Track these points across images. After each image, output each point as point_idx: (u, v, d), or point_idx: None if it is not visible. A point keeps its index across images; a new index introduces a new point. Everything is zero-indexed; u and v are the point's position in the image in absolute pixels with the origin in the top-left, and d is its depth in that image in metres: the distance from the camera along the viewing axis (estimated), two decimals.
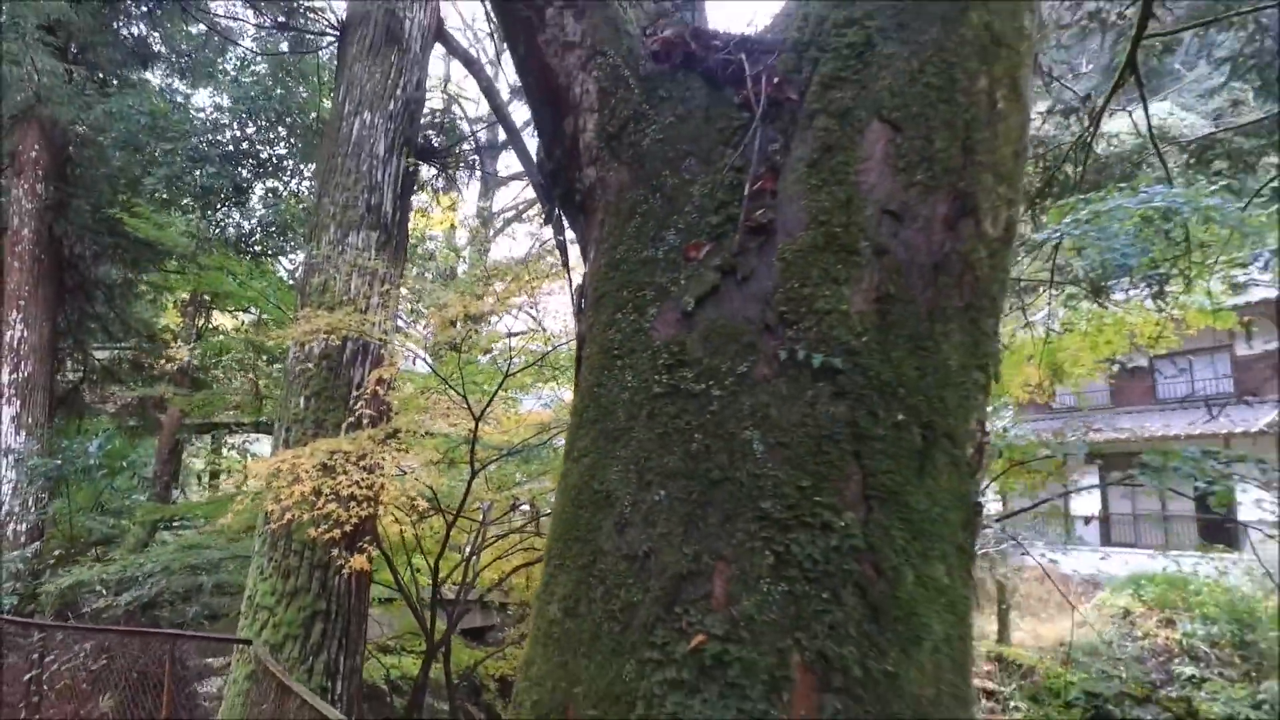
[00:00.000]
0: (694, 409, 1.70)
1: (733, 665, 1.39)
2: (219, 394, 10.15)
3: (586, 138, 2.34)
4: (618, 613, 1.55)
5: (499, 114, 5.30)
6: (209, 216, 9.02)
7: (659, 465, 1.67)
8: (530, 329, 5.30)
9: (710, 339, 1.81)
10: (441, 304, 4.44)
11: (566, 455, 1.93)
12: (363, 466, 4.01)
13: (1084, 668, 10.39)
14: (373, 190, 5.75)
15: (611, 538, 1.66)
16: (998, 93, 2.08)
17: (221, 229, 9.26)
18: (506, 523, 6.92)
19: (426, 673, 5.45)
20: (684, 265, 1.97)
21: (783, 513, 1.51)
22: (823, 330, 1.71)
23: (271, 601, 4.92)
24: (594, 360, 1.98)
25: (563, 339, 5.35)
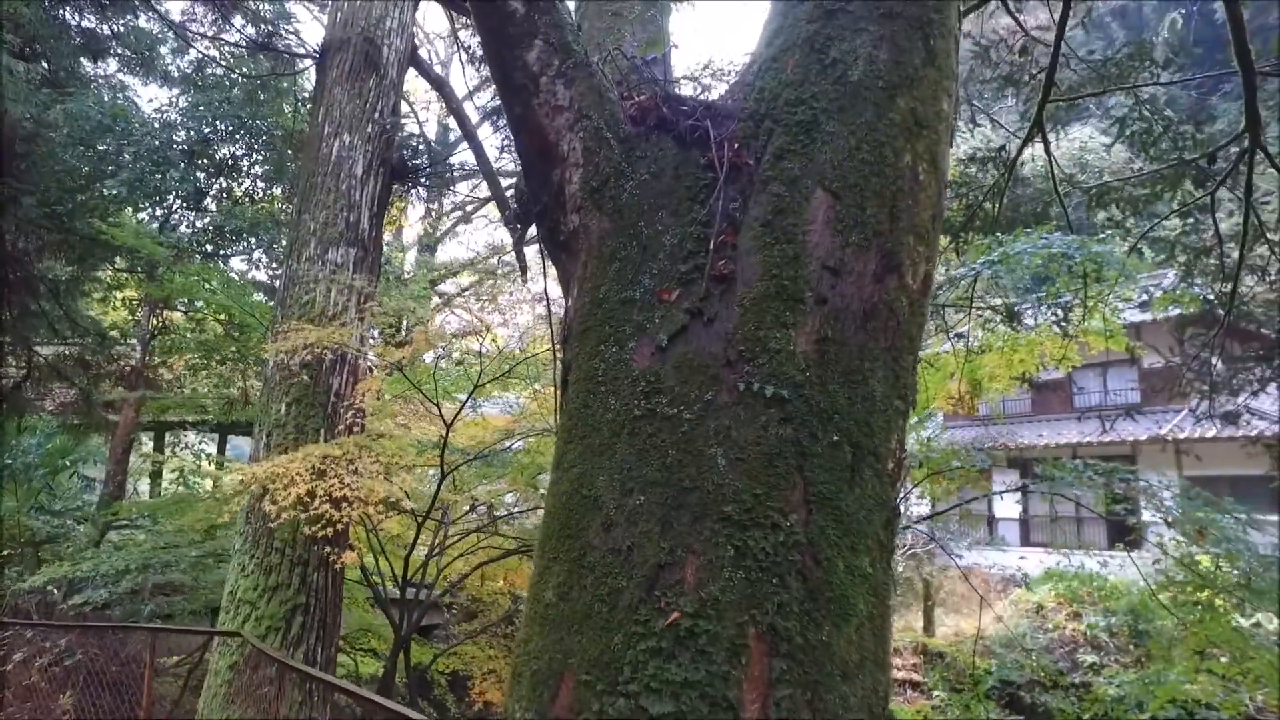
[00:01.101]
0: (668, 429, 2.04)
1: (701, 636, 1.73)
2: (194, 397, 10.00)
3: (572, 189, 2.67)
4: (606, 596, 1.88)
5: (468, 136, 5.54)
6: (167, 218, 8.91)
7: (639, 475, 2.00)
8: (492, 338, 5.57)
9: (681, 370, 2.15)
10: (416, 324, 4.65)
11: (556, 466, 2.24)
12: (351, 470, 4.21)
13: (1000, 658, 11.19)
14: (351, 209, 5.93)
15: (599, 535, 1.98)
16: (919, 166, 2.50)
17: (174, 229, 9.14)
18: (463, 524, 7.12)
19: (394, 665, 5.63)
20: (658, 306, 2.32)
21: (741, 515, 1.86)
22: (774, 366, 2.08)
23: (254, 596, 5.02)
24: (580, 386, 2.30)
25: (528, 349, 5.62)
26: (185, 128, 9.29)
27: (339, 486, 4.11)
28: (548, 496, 2.24)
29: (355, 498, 4.10)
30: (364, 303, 5.49)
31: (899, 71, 2.60)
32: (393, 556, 5.67)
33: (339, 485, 4.11)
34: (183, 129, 9.32)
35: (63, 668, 5.48)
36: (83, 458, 11.07)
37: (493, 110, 7.04)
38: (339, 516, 4.11)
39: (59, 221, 7.99)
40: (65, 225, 8.09)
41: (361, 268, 5.90)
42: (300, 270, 5.75)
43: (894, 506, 2.22)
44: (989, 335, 5.42)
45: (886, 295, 2.35)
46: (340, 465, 4.23)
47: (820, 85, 2.57)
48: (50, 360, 9.18)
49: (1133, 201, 4.79)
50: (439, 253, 24.89)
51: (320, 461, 4.29)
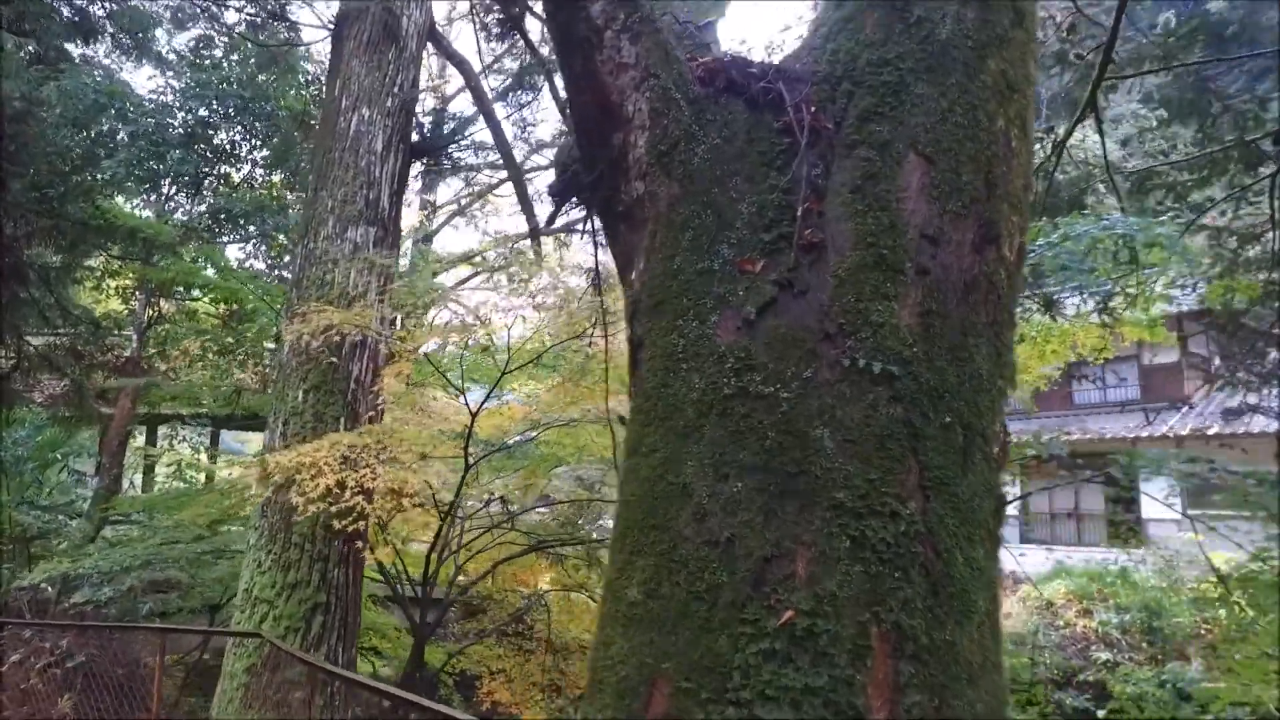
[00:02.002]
0: (764, 409, 1.87)
1: (821, 636, 1.57)
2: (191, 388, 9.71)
3: (636, 153, 2.49)
4: (704, 593, 1.71)
5: (485, 114, 5.35)
6: (163, 204, 8.65)
7: (734, 459, 1.83)
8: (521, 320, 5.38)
9: (773, 345, 1.98)
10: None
11: (632, 451, 2.07)
12: (383, 459, 4.01)
13: (1011, 655, 11.07)
14: (371, 186, 5.71)
15: (691, 525, 1.81)
16: (1011, 131, 2.34)
17: (170, 214, 8.87)
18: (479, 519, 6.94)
19: (416, 665, 5.45)
20: (740, 277, 2.15)
21: (855, 502, 1.70)
22: (877, 341, 1.91)
23: (271, 594, 4.83)
24: (656, 363, 2.13)
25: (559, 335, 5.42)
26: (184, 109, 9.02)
27: (370, 477, 3.91)
28: (623, 484, 2.07)
29: (388, 489, 3.89)
30: (385, 284, 5.28)
31: (988, 31, 2.44)
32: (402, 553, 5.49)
33: (370, 476, 3.91)
34: (180, 111, 9.05)
35: (63, 670, 5.25)
36: (73, 451, 10.78)
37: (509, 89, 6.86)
38: (370, 509, 3.91)
39: (50, 206, 7.73)
40: (56, 210, 7.83)
41: (381, 248, 5.69)
42: (318, 249, 5.52)
43: (1000, 494, 2.07)
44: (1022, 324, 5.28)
45: (986, 267, 2.20)
46: (371, 454, 4.03)
47: (905, 45, 2.41)
48: (41, 350, 8.90)
49: (1177, 187, 4.67)
50: (433, 244, 24.60)
51: (349, 450, 4.09)
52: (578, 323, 5.19)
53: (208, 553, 7.50)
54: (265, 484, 4.44)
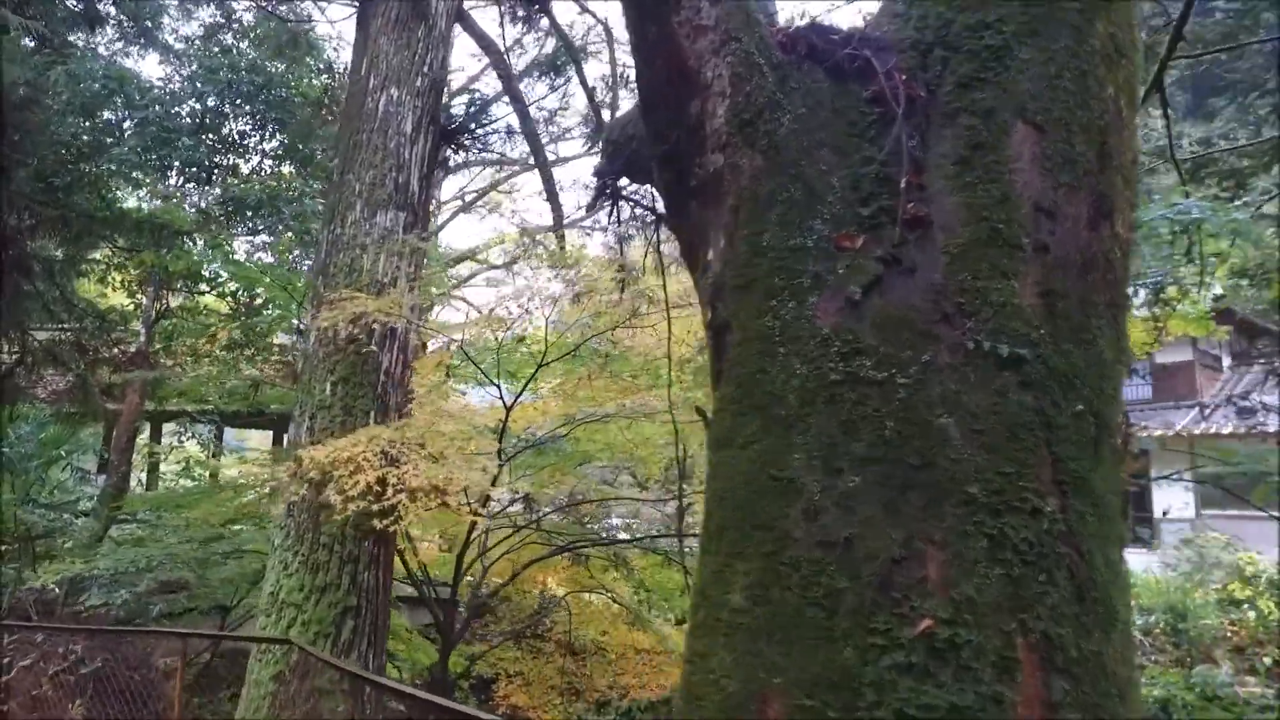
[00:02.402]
0: (878, 396, 1.72)
1: (964, 648, 1.42)
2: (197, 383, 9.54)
3: (715, 123, 2.33)
4: (821, 599, 1.56)
5: (513, 97, 5.19)
6: (175, 192, 8.47)
7: (847, 451, 1.68)
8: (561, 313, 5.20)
9: (882, 327, 1.83)
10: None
11: (724, 443, 1.91)
12: (425, 456, 3.83)
13: None
14: (400, 169, 5.54)
15: (800, 525, 1.66)
16: (1121, 100, 2.18)
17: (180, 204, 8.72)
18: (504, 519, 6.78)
19: (445, 668, 5.29)
20: (838, 255, 1.99)
21: (989, 497, 1.55)
22: (1000, 322, 1.76)
23: (299, 598, 4.68)
24: (748, 348, 1.98)
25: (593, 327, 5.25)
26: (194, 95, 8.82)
27: (414, 474, 3.73)
28: (713, 479, 1.91)
29: (432, 486, 3.73)
30: (417, 271, 5.10)
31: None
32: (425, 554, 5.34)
33: (414, 472, 3.73)
34: (190, 99, 8.85)
35: (75, 675, 5.08)
36: (77, 448, 10.62)
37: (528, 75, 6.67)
38: (414, 508, 3.75)
39: (55, 196, 7.56)
40: (62, 200, 7.66)
41: (411, 233, 5.51)
42: (345, 235, 5.34)
43: (1126, 491, 1.91)
44: None
45: (1102, 244, 2.04)
46: (414, 450, 3.86)
47: (1005, 8, 2.24)
48: (44, 344, 8.74)
49: (1235, 174, 4.51)
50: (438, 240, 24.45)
51: (389, 445, 3.92)
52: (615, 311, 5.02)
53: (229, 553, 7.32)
54: (299, 481, 4.27)
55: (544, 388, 6.48)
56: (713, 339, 2.15)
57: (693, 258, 2.60)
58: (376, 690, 3.60)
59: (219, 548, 7.37)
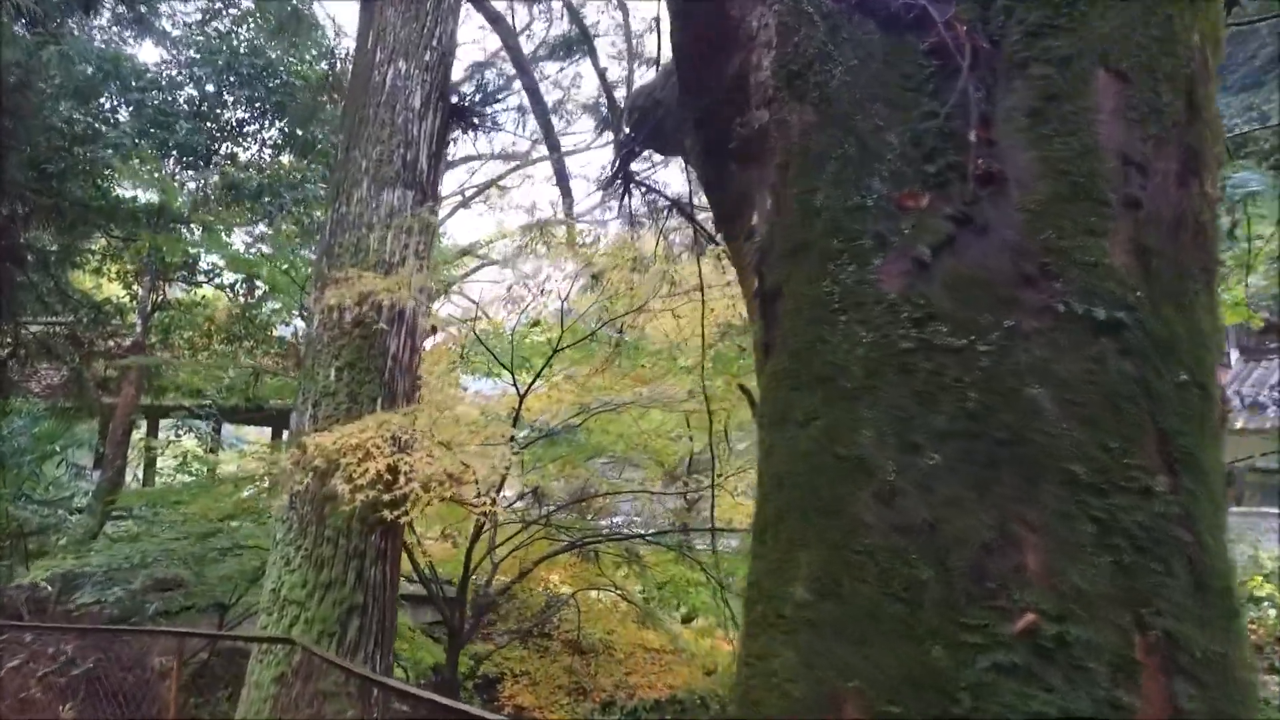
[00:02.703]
0: (956, 365, 1.55)
1: (1074, 647, 1.24)
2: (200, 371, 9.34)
3: (760, 76, 2.17)
4: (901, 591, 1.39)
5: (521, 71, 5.02)
6: (173, 179, 8.28)
7: (925, 425, 1.51)
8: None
9: (957, 290, 1.66)
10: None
11: (779, 421, 1.74)
12: (440, 443, 3.64)
13: None
14: (408, 145, 5.37)
15: (873, 508, 1.49)
16: (1206, 49, 2.01)
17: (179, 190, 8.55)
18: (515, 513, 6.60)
19: (455, 668, 5.11)
20: (901, 214, 1.82)
21: (1093, 476, 1.38)
22: (1090, 283, 1.59)
23: (302, 595, 4.50)
24: (803, 315, 1.81)
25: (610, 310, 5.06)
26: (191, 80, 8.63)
27: (427, 460, 3.54)
28: (768, 461, 1.74)
29: (448, 475, 3.54)
30: (427, 251, 4.91)
31: None
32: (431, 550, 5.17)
33: (427, 459, 3.54)
34: (187, 84, 8.66)
35: (66, 677, 4.89)
36: (72, 443, 10.44)
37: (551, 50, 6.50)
38: (427, 498, 3.56)
39: (49, 184, 7.36)
40: (56, 189, 7.47)
41: (419, 227, 5.31)
42: (351, 214, 5.15)
43: (1226, 470, 1.74)
44: None
45: (1192, 202, 1.87)
46: (427, 436, 3.67)
47: None
48: (39, 337, 8.54)
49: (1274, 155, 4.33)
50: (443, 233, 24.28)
51: (400, 430, 3.73)
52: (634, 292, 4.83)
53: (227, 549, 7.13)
54: (303, 470, 4.08)
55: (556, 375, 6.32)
56: (760, 308, 1.98)
57: (732, 224, 2.43)
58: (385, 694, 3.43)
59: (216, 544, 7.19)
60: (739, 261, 2.32)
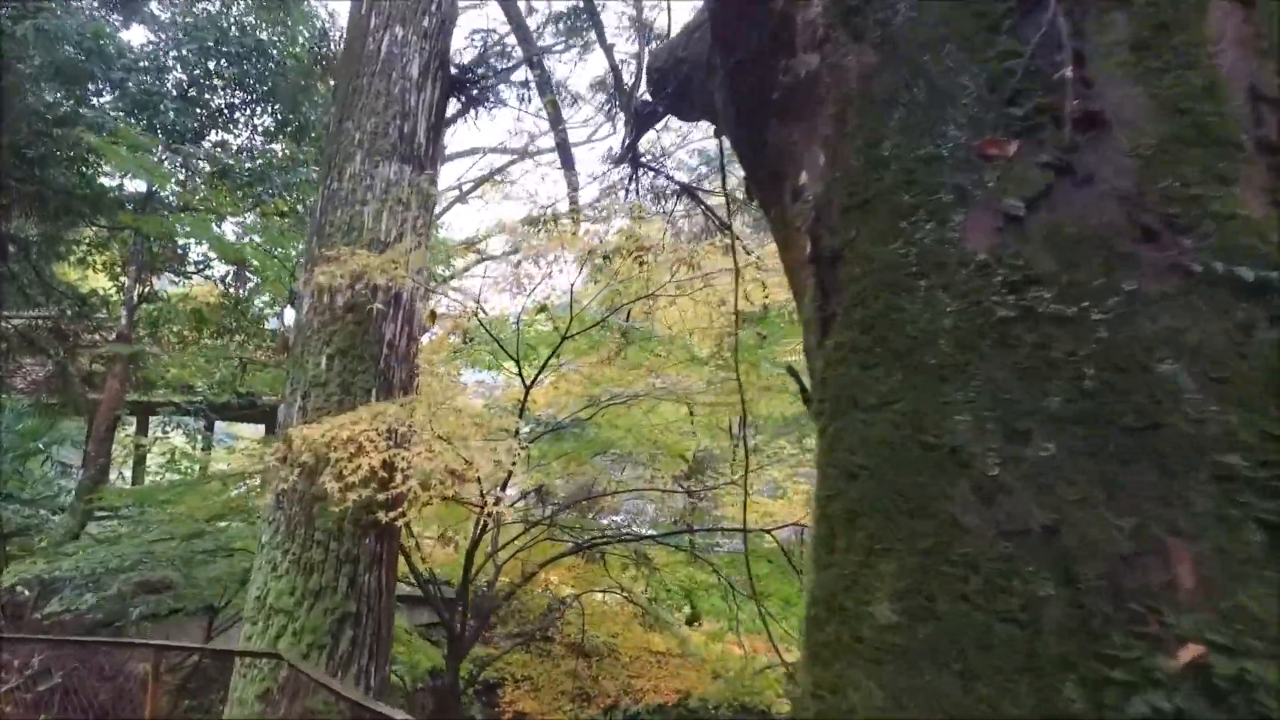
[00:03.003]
0: (1068, 336, 1.30)
1: (1255, 688, 0.98)
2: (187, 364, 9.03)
3: (809, 15, 1.91)
4: (1016, 611, 1.13)
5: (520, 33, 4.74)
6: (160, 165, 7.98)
7: (1033, 410, 1.26)
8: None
9: (1060, 249, 1.41)
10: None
11: (847, 405, 1.49)
12: (441, 436, 3.35)
13: None
14: (405, 116, 5.07)
15: (973, 508, 1.23)
16: None
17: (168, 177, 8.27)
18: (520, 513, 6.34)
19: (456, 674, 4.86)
20: (983, 164, 1.56)
21: (1256, 470, 1.12)
22: (1228, 239, 1.33)
23: (290, 603, 4.19)
24: (874, 280, 1.55)
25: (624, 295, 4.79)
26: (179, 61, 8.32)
27: (427, 455, 3.25)
28: (835, 452, 1.49)
29: (450, 472, 3.25)
30: (425, 229, 4.62)
31: None
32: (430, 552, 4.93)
33: (427, 454, 3.25)
34: (175, 70, 8.35)
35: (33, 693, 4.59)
36: (58, 440, 10.15)
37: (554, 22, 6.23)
38: (426, 497, 3.27)
39: (30, 170, 7.07)
40: (39, 176, 7.18)
41: (417, 199, 5.03)
42: (343, 189, 4.87)
43: None
44: None
45: None
46: (427, 430, 3.39)
47: None
48: (22, 330, 8.24)
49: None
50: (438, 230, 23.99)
51: (396, 422, 3.44)
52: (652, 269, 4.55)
53: (208, 550, 6.84)
54: (289, 466, 3.81)
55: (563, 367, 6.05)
56: (816, 276, 1.72)
57: (773, 188, 2.17)
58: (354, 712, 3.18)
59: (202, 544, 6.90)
60: (782, 228, 2.07)
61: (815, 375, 1.68)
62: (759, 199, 2.28)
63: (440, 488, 3.29)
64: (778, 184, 2.12)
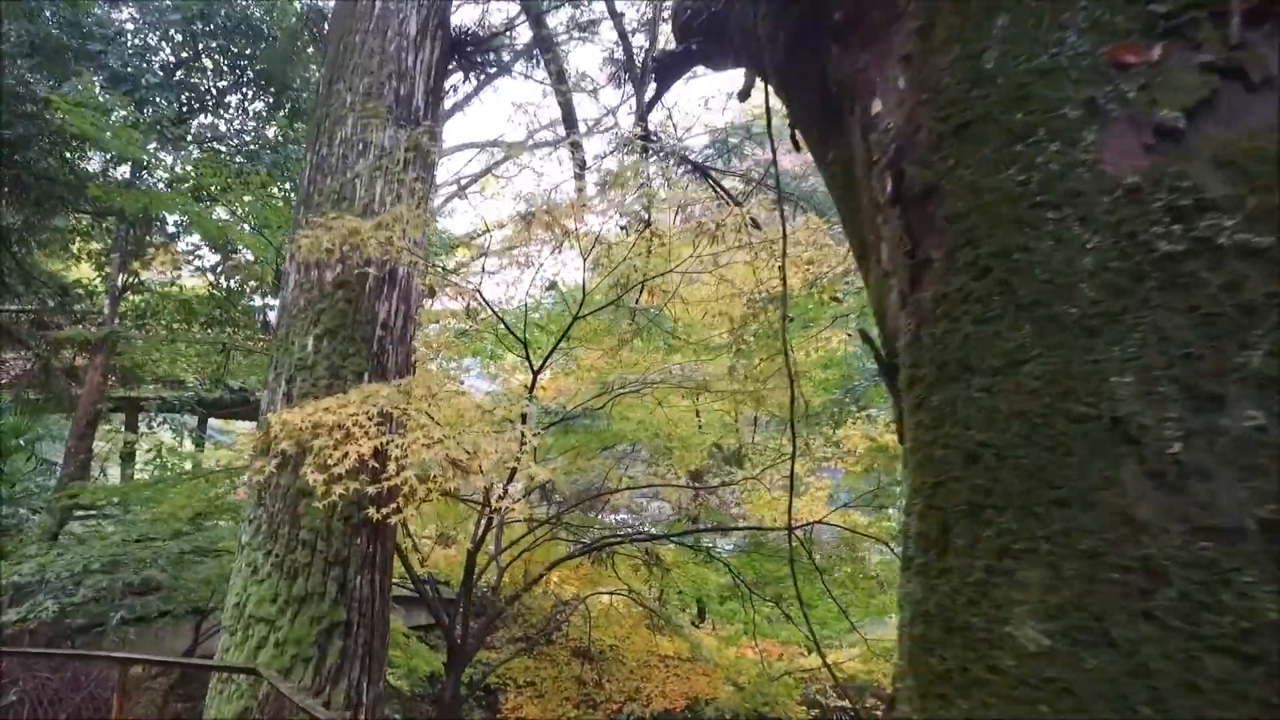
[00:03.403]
0: (1259, 273, 1.01)
1: None
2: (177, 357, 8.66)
3: None
4: (1232, 638, 0.84)
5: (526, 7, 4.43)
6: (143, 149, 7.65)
7: (1223, 368, 0.97)
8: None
9: (1235, 168, 1.12)
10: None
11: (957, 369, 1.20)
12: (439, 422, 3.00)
13: None
14: (402, 78, 4.69)
15: (1150, 498, 0.95)
16: None
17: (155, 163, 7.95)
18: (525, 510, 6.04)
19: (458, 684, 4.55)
20: (1118, 74, 1.27)
21: None
22: None
23: (273, 612, 3.81)
24: (985, 215, 1.26)
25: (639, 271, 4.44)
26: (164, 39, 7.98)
27: (424, 442, 2.90)
28: (938, 429, 1.20)
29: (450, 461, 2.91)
30: (424, 199, 4.28)
31: None
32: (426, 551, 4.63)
33: (424, 441, 2.90)
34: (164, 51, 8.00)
35: None
36: (42, 436, 9.82)
37: None
38: (424, 489, 2.94)
39: (9, 155, 6.75)
40: (18, 160, 6.87)
41: (415, 155, 4.61)
42: (333, 156, 4.54)
43: None
44: None
45: None
46: (424, 413, 3.04)
47: None
48: (2, 323, 7.92)
49: None
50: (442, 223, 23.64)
51: (389, 405, 3.09)
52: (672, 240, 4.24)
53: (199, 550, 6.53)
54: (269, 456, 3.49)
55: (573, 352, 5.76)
56: (902, 219, 1.43)
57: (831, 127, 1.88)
58: None
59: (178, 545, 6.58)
60: (840, 174, 1.78)
61: (903, 336, 1.39)
62: (811, 144, 1.99)
63: (440, 480, 2.94)
64: (836, 122, 1.83)
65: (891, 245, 1.43)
